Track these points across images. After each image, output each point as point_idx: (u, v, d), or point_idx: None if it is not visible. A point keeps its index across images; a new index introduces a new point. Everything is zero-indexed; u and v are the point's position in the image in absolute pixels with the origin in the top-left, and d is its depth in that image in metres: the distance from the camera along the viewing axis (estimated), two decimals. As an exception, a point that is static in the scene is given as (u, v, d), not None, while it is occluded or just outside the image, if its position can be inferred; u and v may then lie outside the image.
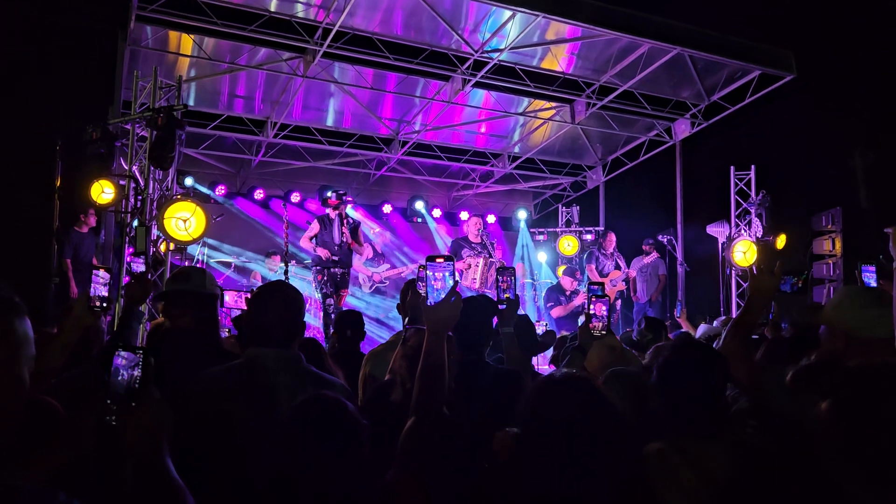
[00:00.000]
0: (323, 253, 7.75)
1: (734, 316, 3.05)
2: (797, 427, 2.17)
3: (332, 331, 5.41)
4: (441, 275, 2.04)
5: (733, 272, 10.54)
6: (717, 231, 10.83)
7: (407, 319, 3.67)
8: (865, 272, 2.93)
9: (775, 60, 9.37)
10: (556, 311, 9.27)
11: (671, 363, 2.03)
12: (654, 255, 10.51)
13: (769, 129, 10.92)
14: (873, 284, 2.95)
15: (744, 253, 10.20)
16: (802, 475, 1.83)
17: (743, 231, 10.50)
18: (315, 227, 8.01)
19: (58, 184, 6.97)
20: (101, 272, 2.70)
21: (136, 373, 1.39)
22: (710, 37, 8.94)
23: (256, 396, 2.04)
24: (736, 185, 10.72)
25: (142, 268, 5.61)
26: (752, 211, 10.50)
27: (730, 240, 10.44)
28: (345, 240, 7.89)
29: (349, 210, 8.94)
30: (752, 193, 10.54)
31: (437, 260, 2.06)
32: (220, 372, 2.15)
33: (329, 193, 8.09)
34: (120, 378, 1.39)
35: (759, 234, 10.35)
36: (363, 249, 8.64)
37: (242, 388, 2.06)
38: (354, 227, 8.07)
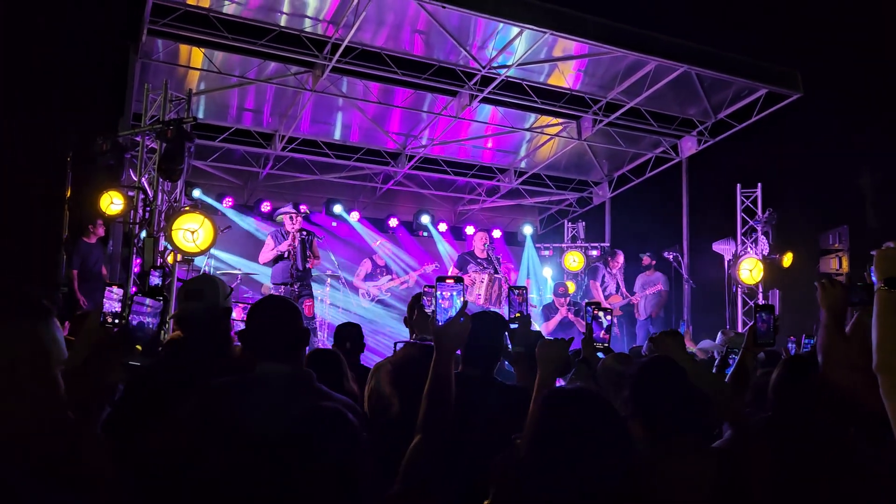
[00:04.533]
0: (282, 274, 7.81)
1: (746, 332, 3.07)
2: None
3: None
4: (449, 294, 2.07)
5: (739, 290, 10.52)
6: (723, 248, 10.81)
7: (414, 335, 3.68)
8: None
9: (782, 79, 9.40)
10: (545, 328, 9.30)
11: (639, 379, 2.11)
12: (657, 272, 10.51)
13: (776, 146, 10.92)
14: None
15: (750, 271, 10.18)
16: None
17: (749, 249, 10.48)
18: (271, 243, 8.04)
19: (68, 194, 7.02)
20: (115, 289, 2.72)
21: (157, 320, 1.46)
22: (716, 55, 8.97)
23: (259, 410, 2.05)
24: (742, 202, 10.72)
25: (158, 281, 5.66)
26: (759, 228, 10.48)
27: (736, 257, 10.42)
28: (308, 266, 7.97)
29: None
30: (759, 211, 10.53)
31: (448, 280, 2.09)
32: (224, 383, 2.17)
33: (284, 217, 8.07)
34: (143, 323, 1.46)
35: (766, 252, 10.33)
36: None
37: (246, 400, 2.07)
38: (311, 243, 8.10)
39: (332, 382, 2.42)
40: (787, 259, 10.22)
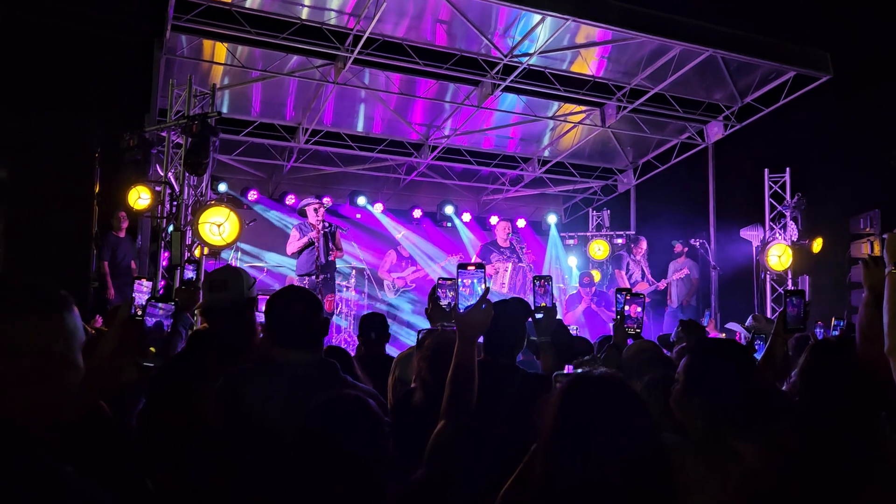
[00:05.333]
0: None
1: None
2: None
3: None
4: (470, 281, 2.06)
5: (768, 276, 10.37)
6: (751, 235, 10.66)
7: (440, 325, 3.68)
8: None
9: (811, 61, 9.21)
10: (569, 318, 9.27)
11: (699, 356, 2.05)
12: (687, 259, 10.40)
13: (804, 130, 10.69)
14: None
15: (779, 257, 10.02)
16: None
17: (778, 234, 10.32)
18: (296, 234, 8.10)
19: (96, 190, 7.14)
20: (144, 282, 2.77)
21: (171, 321, 1.51)
22: (743, 38, 8.82)
23: (283, 397, 2.07)
24: (770, 187, 10.55)
25: (192, 274, 5.76)
26: (787, 214, 10.31)
27: (764, 244, 10.26)
28: (330, 258, 8.02)
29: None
30: (787, 196, 10.36)
31: (469, 267, 2.08)
32: (248, 370, 2.19)
33: (309, 208, 8.14)
34: (156, 326, 1.51)
35: (795, 238, 10.16)
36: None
37: (269, 387, 2.09)
38: (333, 234, 8.16)
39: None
40: (817, 244, 10.04)
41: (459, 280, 2.05)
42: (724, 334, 6.72)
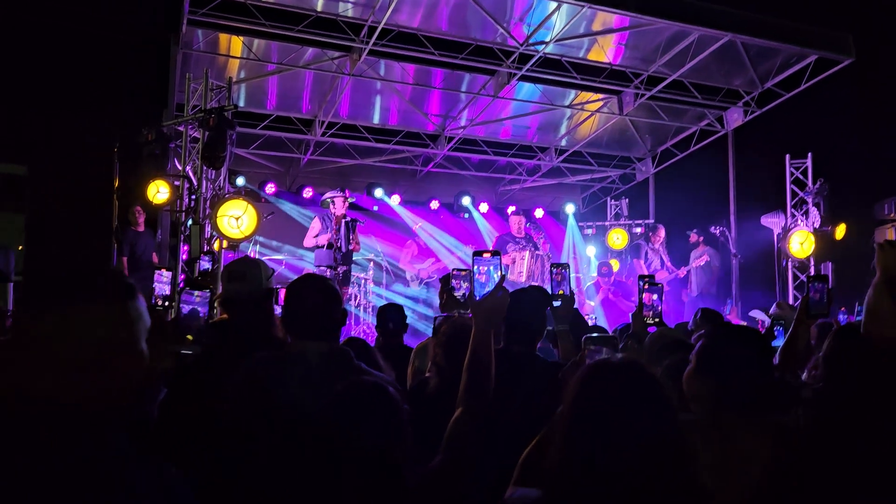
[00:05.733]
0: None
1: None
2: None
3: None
4: (486, 269, 2.04)
5: (790, 264, 10.23)
6: (772, 222, 10.52)
7: (457, 313, 3.66)
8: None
9: (832, 43, 9.04)
10: (583, 309, 9.22)
11: (713, 340, 2.03)
12: (706, 247, 10.29)
13: (826, 114, 10.51)
14: None
15: (801, 244, 9.88)
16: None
17: (800, 221, 10.17)
18: (317, 225, 8.13)
19: (116, 184, 7.21)
20: (164, 272, 2.79)
21: (207, 309, 1.52)
22: (763, 21, 8.68)
23: (300, 385, 2.07)
24: (792, 173, 10.39)
25: (208, 265, 5.84)
26: (809, 200, 10.15)
27: (786, 231, 10.12)
28: (350, 247, 8.10)
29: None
30: (809, 182, 10.20)
31: (484, 255, 2.06)
32: (265, 359, 2.19)
33: (335, 199, 8.21)
34: (192, 313, 1.52)
35: (817, 224, 10.01)
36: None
37: (286, 376, 2.09)
38: (354, 228, 8.22)
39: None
40: (840, 231, 9.88)
41: (475, 267, 2.03)
42: (746, 323, 6.64)
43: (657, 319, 3.06)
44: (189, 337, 1.68)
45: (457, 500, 1.81)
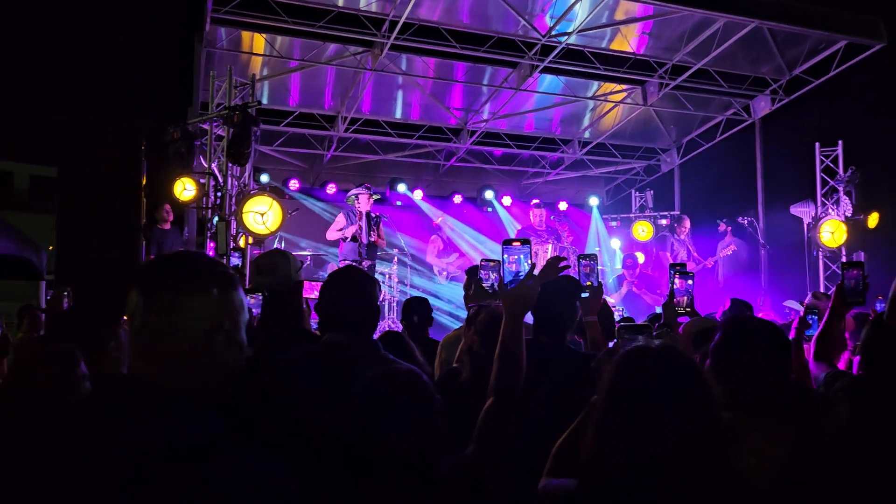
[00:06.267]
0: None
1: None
2: None
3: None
4: (515, 258, 2.02)
5: (820, 254, 10.04)
6: (802, 211, 10.32)
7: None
8: None
9: (863, 28, 8.84)
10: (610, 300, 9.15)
11: (726, 337, 1.98)
12: (733, 237, 10.15)
13: (857, 101, 10.27)
14: None
15: (832, 233, 9.68)
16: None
17: (830, 210, 9.97)
18: (341, 220, 8.18)
19: (143, 182, 7.28)
20: None
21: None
22: (790, 7, 8.50)
23: (333, 377, 2.06)
24: (822, 162, 10.19)
25: (238, 261, 5.90)
26: (841, 189, 9.94)
27: (816, 220, 9.93)
28: (371, 239, 8.18)
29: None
30: (840, 170, 10.00)
31: (514, 244, 2.04)
32: (299, 353, 2.19)
33: (359, 196, 8.29)
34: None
35: (849, 213, 9.81)
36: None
37: (319, 368, 2.09)
38: (378, 222, 8.28)
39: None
40: (873, 219, 9.66)
41: (505, 256, 2.01)
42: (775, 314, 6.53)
43: (689, 308, 3.00)
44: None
45: (488, 491, 1.79)
